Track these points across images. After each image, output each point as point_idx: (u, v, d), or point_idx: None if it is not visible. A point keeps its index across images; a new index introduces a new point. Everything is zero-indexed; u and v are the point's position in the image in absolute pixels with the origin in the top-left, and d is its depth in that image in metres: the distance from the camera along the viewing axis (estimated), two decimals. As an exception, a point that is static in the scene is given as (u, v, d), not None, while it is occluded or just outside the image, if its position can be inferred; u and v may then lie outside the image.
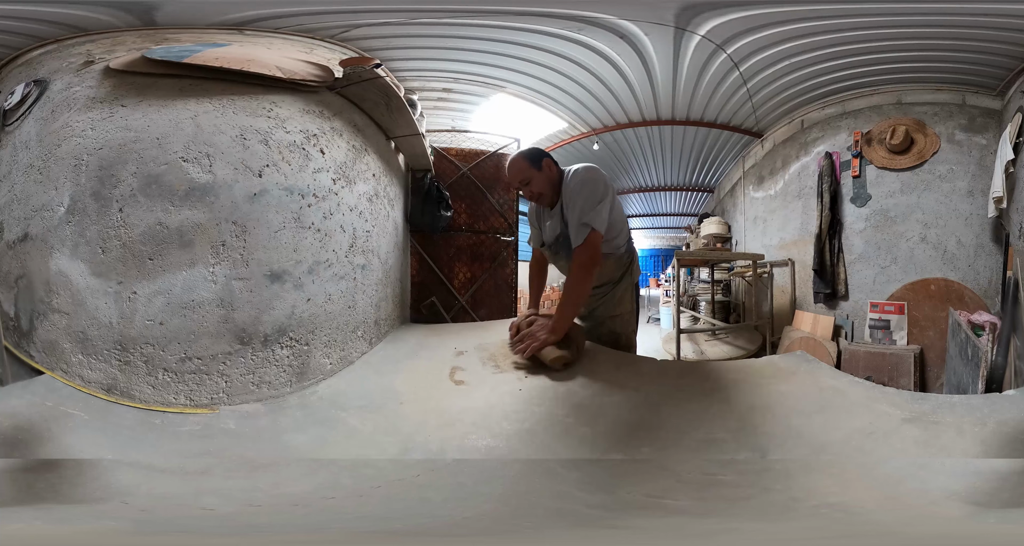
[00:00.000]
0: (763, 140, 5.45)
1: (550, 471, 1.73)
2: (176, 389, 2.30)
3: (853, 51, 3.63)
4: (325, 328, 2.75)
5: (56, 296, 2.30)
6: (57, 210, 2.36)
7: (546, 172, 2.68)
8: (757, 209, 6.00)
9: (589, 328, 2.97)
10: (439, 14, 3.19)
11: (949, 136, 4.09)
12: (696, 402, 2.19)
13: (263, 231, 2.54)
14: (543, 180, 2.68)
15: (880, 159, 4.33)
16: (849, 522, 1.38)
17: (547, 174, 2.68)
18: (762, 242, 5.84)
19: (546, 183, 2.69)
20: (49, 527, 1.31)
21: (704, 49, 3.59)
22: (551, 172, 2.70)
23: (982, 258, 3.92)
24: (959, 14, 3.01)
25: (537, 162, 2.68)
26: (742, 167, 6.20)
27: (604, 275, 2.84)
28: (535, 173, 2.67)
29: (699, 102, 4.60)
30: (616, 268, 2.90)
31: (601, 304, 2.95)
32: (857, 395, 2.16)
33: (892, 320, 4.12)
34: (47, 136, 2.46)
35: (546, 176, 2.68)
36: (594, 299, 2.93)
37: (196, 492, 1.62)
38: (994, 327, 3.14)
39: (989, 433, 1.80)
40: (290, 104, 2.76)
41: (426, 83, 4.07)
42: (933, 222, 4.10)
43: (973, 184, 3.97)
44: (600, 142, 5.42)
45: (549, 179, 2.69)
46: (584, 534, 1.35)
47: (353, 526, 1.43)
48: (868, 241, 4.39)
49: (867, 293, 4.35)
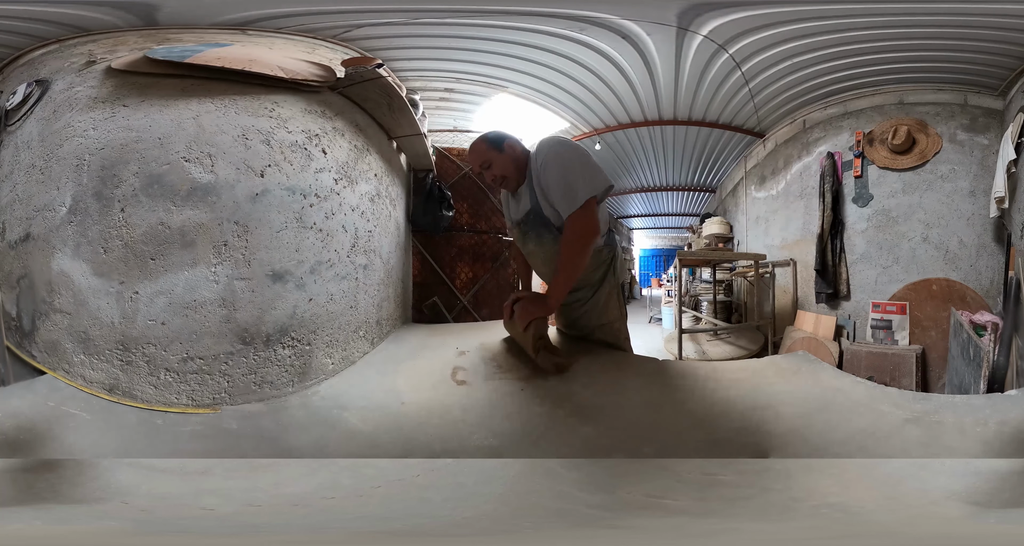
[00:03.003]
0: (765, 140, 5.44)
1: (550, 471, 1.73)
2: (178, 389, 2.30)
3: (855, 51, 3.62)
4: (327, 328, 2.75)
5: (58, 296, 2.31)
6: (59, 210, 2.36)
7: (508, 153, 2.52)
8: (759, 209, 5.98)
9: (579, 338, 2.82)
10: (441, 14, 3.19)
11: (951, 136, 4.08)
12: (697, 402, 2.19)
13: (265, 231, 2.54)
14: (506, 162, 2.51)
15: (882, 159, 4.32)
16: (849, 522, 1.38)
17: (510, 155, 2.52)
18: (764, 242, 5.82)
19: (510, 165, 2.52)
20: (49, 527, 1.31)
21: (706, 49, 3.58)
22: (514, 153, 2.53)
23: (984, 258, 3.91)
24: (961, 14, 3.00)
25: (498, 144, 2.52)
26: (744, 167, 6.18)
27: (580, 278, 2.54)
28: (496, 155, 2.51)
29: (701, 102, 4.59)
30: (594, 268, 2.62)
31: (583, 314, 2.73)
32: (859, 395, 2.16)
33: (894, 320, 4.11)
34: (49, 136, 2.47)
35: (509, 157, 2.52)
36: (574, 308, 2.74)
37: (196, 492, 1.62)
38: (996, 327, 3.14)
39: (991, 433, 1.80)
40: (292, 104, 2.76)
41: (428, 83, 4.06)
42: (935, 222, 4.09)
43: (975, 184, 3.96)
44: (602, 142, 5.41)
45: (513, 161, 2.53)
46: (584, 534, 1.35)
47: (353, 526, 1.43)
48: (870, 241, 4.37)
49: (869, 293, 4.33)
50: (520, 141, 2.60)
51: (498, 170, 2.53)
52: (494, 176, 2.55)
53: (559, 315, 2.94)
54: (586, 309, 2.72)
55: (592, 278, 2.65)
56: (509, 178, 2.55)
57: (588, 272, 2.58)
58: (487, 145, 2.54)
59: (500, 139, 2.55)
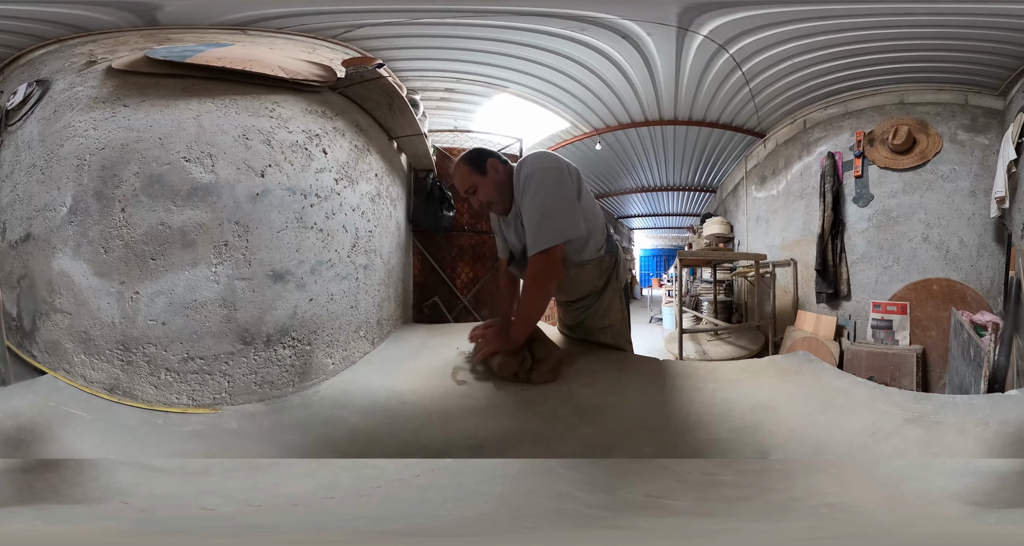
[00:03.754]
0: (765, 140, 5.43)
1: (550, 471, 1.73)
2: (178, 389, 2.31)
3: (855, 51, 3.62)
4: (327, 328, 2.75)
5: (58, 296, 2.31)
6: (59, 210, 2.36)
7: (491, 176, 2.37)
8: (759, 209, 5.98)
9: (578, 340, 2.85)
10: (441, 14, 3.19)
11: (951, 136, 4.07)
12: (698, 402, 2.19)
13: (265, 231, 2.54)
14: (488, 186, 2.38)
15: (882, 159, 4.32)
16: (849, 522, 1.38)
17: (492, 178, 2.38)
18: (764, 242, 5.82)
19: (492, 189, 2.38)
20: (49, 527, 1.31)
21: (707, 49, 3.58)
22: (498, 175, 2.38)
23: (984, 258, 3.90)
24: (961, 14, 3.00)
25: (480, 166, 2.38)
26: (744, 167, 6.18)
27: (585, 286, 2.61)
28: (479, 179, 2.37)
29: (701, 102, 4.59)
30: (598, 275, 2.61)
31: (587, 317, 2.74)
32: (860, 395, 2.16)
33: (894, 320, 4.11)
34: (49, 136, 2.47)
35: (492, 181, 2.38)
36: (579, 310, 2.75)
37: (196, 492, 1.62)
38: (996, 327, 3.13)
39: (991, 433, 1.80)
40: (292, 104, 2.76)
41: (428, 83, 4.06)
42: (935, 222, 4.09)
43: (975, 184, 3.95)
44: (603, 142, 5.41)
45: (496, 183, 2.38)
46: (584, 534, 1.35)
47: (353, 526, 1.43)
48: (870, 241, 4.37)
49: (869, 293, 4.33)
50: (502, 159, 2.46)
51: (483, 195, 2.41)
52: (480, 202, 2.44)
53: (562, 316, 2.98)
54: (590, 312, 2.74)
55: (597, 284, 2.65)
56: (495, 203, 2.44)
57: (592, 279, 2.60)
58: (469, 168, 2.41)
59: (482, 160, 2.41)
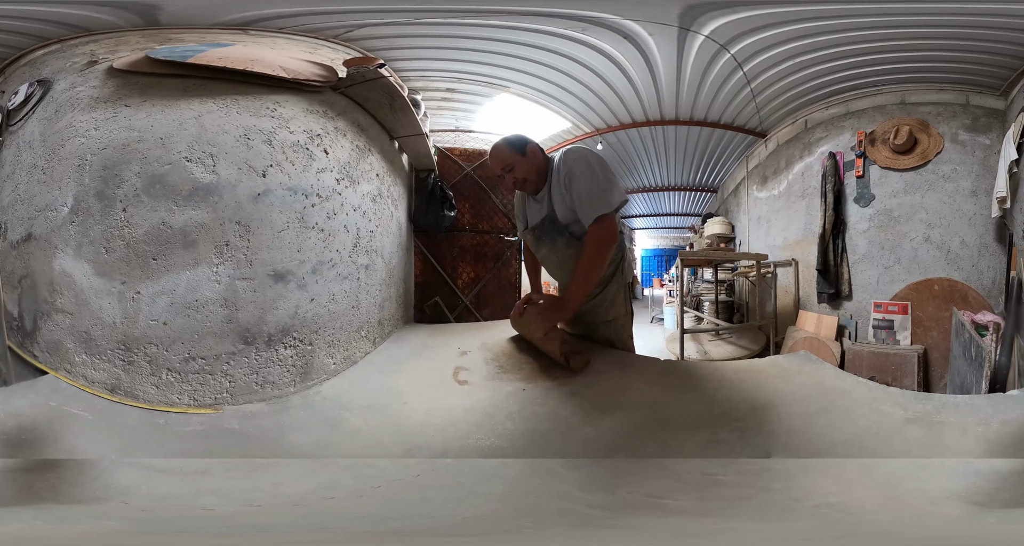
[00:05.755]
0: (767, 140, 5.43)
1: (550, 471, 1.73)
2: (180, 389, 2.31)
3: (857, 51, 3.62)
4: (329, 328, 2.75)
5: (60, 296, 2.31)
6: (61, 210, 2.37)
7: (531, 158, 2.62)
8: (761, 209, 5.98)
9: (580, 336, 2.86)
10: (443, 14, 3.20)
11: (953, 136, 4.07)
12: (700, 403, 2.19)
13: (267, 231, 2.54)
14: (528, 166, 2.62)
15: (884, 159, 4.32)
16: (849, 522, 1.37)
17: (532, 160, 2.62)
18: (766, 242, 5.82)
19: (531, 169, 2.62)
20: (49, 527, 1.31)
21: (708, 49, 3.58)
22: (536, 159, 2.63)
23: (986, 258, 3.90)
24: (962, 14, 3.00)
25: (521, 148, 2.61)
26: (746, 167, 6.18)
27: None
28: (519, 159, 2.60)
29: (703, 102, 4.59)
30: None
31: (590, 309, 2.77)
32: (861, 395, 2.15)
33: (896, 320, 4.11)
34: (51, 136, 2.47)
35: (531, 162, 2.62)
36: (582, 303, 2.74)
37: (196, 492, 1.62)
38: (998, 327, 3.13)
39: (993, 433, 1.79)
40: (294, 104, 2.76)
41: (430, 83, 4.07)
42: (937, 222, 4.09)
43: (977, 184, 3.95)
44: (604, 142, 5.41)
45: (535, 165, 2.63)
46: (584, 534, 1.35)
47: (353, 526, 1.43)
48: (872, 241, 4.37)
49: (871, 293, 4.33)
50: (541, 147, 2.68)
51: (520, 173, 2.62)
52: (515, 179, 2.65)
53: None
54: (594, 304, 2.76)
55: (602, 275, 2.68)
56: (530, 181, 2.65)
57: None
58: (510, 149, 2.62)
59: (523, 143, 2.63)
